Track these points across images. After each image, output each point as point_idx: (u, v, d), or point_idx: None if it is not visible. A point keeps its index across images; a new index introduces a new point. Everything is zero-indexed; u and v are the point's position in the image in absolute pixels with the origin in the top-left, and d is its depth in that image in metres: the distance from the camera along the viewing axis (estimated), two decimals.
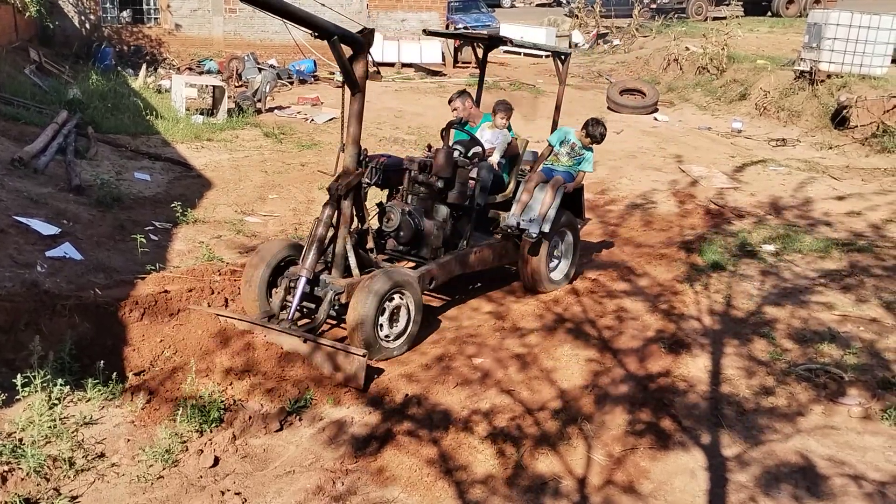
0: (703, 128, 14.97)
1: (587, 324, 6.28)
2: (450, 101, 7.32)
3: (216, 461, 4.31)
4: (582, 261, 7.80)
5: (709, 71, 18.10)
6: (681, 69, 19.20)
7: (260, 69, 17.08)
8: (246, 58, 17.80)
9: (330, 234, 5.70)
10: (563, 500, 4.17)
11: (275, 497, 4.07)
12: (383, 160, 6.34)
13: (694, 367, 5.59)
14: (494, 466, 4.40)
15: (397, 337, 5.65)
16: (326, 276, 5.68)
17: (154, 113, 12.71)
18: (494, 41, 7.67)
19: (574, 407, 5.04)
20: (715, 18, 26.48)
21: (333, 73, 18.76)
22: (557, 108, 7.50)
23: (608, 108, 16.42)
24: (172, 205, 8.00)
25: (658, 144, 13.48)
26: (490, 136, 6.95)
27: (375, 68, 5.50)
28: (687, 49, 19.63)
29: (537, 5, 39.43)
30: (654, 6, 28.13)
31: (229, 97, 13.78)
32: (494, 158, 6.84)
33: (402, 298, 5.60)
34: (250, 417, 4.70)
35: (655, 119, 15.85)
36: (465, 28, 23.96)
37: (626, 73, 20.23)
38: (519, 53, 23.27)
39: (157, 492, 4.03)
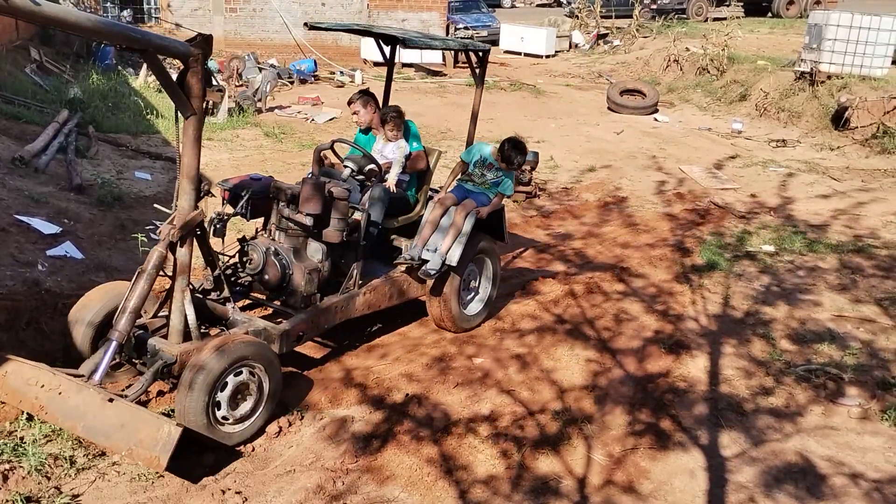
0: (704, 128, 14.97)
1: (586, 324, 6.28)
2: (349, 103, 6.22)
3: (217, 460, 4.31)
4: (581, 262, 7.81)
5: (709, 72, 18.11)
6: (681, 70, 19.20)
7: (260, 69, 17.08)
8: (246, 57, 17.80)
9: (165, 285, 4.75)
10: (564, 499, 4.18)
11: (275, 496, 4.08)
12: (247, 184, 5.23)
13: (693, 368, 5.61)
14: (495, 466, 4.41)
15: (241, 419, 4.45)
16: (157, 339, 4.55)
17: (155, 112, 12.71)
18: (388, 38, 6.29)
19: (574, 407, 5.05)
20: (715, 19, 26.53)
21: (334, 73, 18.77)
22: (474, 117, 6.27)
23: (608, 108, 16.42)
24: (173, 204, 7.99)
25: (658, 145, 13.49)
26: (387, 151, 5.98)
27: (216, 85, 4.56)
28: (687, 50, 19.64)
29: (538, 5, 39.43)
30: (654, 7, 28.14)
31: (230, 97, 13.78)
32: (391, 178, 5.83)
33: (250, 373, 4.44)
34: None
35: (655, 120, 15.85)
36: (466, 28, 23.97)
37: (627, 74, 20.24)
38: (519, 53, 23.28)
39: (157, 490, 4.03)
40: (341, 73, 18.66)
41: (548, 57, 23.40)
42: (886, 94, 13.16)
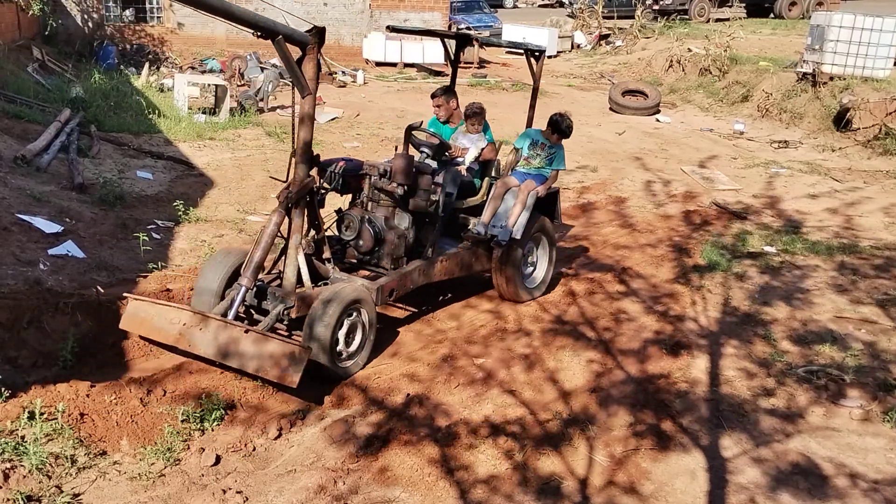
0: (705, 129, 14.97)
1: (588, 325, 6.28)
2: (433, 97, 6.95)
3: (218, 459, 4.32)
4: (582, 262, 7.81)
5: (711, 72, 18.10)
6: (683, 70, 19.20)
7: (262, 68, 17.07)
8: (248, 57, 17.80)
9: (282, 244, 5.45)
10: (565, 500, 4.18)
11: (276, 496, 4.08)
12: (342, 164, 5.93)
13: (694, 369, 5.60)
14: (496, 466, 4.40)
15: (351, 356, 5.32)
16: (275, 288, 5.35)
17: (156, 112, 12.72)
18: (463, 39, 7.20)
19: (576, 408, 5.04)
20: (717, 20, 26.51)
21: (335, 73, 18.76)
22: (532, 109, 7.07)
23: (610, 108, 16.42)
24: (174, 203, 8.01)
25: (660, 146, 13.49)
26: (464, 140, 6.67)
27: (328, 69, 5.38)
28: (689, 50, 19.63)
29: (539, 6, 39.42)
30: (656, 7, 28.13)
31: (231, 96, 13.79)
32: (465, 163, 6.55)
33: (357, 315, 5.30)
34: (252, 416, 4.71)
35: (657, 120, 15.85)
36: (468, 28, 23.96)
37: (629, 75, 20.23)
38: (521, 54, 23.26)
39: (158, 490, 4.03)
40: (343, 73, 18.65)
41: (550, 57, 23.37)
42: (888, 95, 13.14)
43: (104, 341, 5.46)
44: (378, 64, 20.26)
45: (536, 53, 6.94)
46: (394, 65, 20.28)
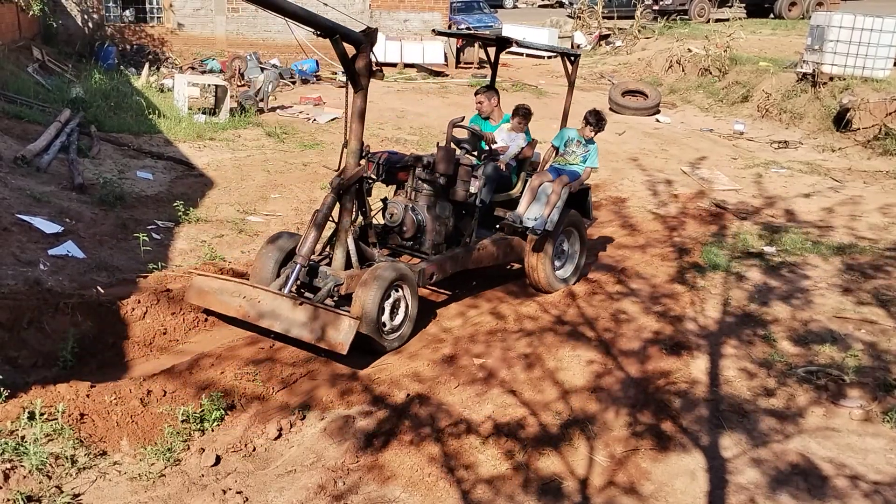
0: (705, 129, 14.97)
1: (588, 326, 6.28)
2: (476, 94, 7.37)
3: (218, 460, 4.32)
4: (583, 262, 7.80)
5: (711, 73, 18.10)
6: (683, 71, 19.19)
7: (262, 69, 17.09)
8: (248, 57, 17.82)
9: (332, 227, 5.85)
10: (566, 500, 4.18)
11: (276, 496, 4.08)
12: (385, 156, 6.38)
13: (694, 369, 5.60)
14: (496, 466, 4.40)
15: (394, 330, 5.73)
16: (326, 267, 5.82)
17: (156, 112, 12.72)
18: (503, 42, 7.51)
19: (576, 408, 5.04)
20: (717, 20, 26.49)
21: (336, 73, 18.77)
22: (566, 111, 7.42)
23: (610, 109, 16.39)
24: (175, 204, 8.01)
25: (660, 146, 13.48)
26: (506, 137, 7.02)
27: (378, 67, 5.64)
28: (689, 51, 19.62)
29: (539, 6, 39.43)
30: (656, 8, 28.13)
31: (232, 97, 13.79)
32: (504, 159, 6.91)
33: (401, 293, 5.72)
34: (252, 416, 4.71)
35: (657, 120, 15.85)
36: (468, 29, 23.97)
37: (629, 75, 20.22)
38: (521, 54, 23.30)
39: (158, 490, 4.04)
40: (343, 73, 18.64)
41: (549, 58, 23.38)
42: (888, 95, 13.13)
43: (104, 341, 5.47)
44: (378, 64, 20.21)
45: (572, 57, 7.34)
46: (394, 65, 20.27)
